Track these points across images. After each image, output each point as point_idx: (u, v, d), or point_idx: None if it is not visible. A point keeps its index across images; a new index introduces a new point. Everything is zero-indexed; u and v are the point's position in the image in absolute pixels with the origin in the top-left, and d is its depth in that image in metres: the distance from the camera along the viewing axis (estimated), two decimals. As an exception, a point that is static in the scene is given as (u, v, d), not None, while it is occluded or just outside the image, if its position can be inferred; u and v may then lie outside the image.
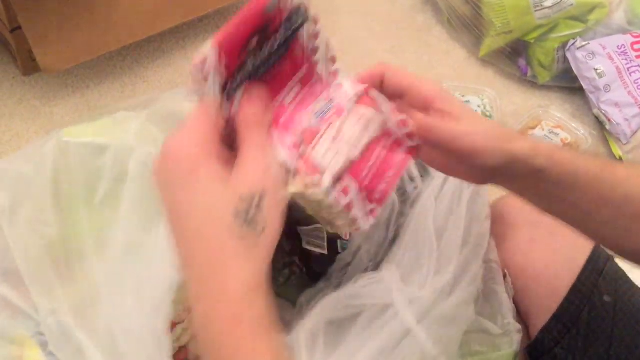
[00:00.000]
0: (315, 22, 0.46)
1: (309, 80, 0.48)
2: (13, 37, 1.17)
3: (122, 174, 0.60)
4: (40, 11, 1.10)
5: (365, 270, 0.74)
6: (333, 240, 0.82)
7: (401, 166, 0.50)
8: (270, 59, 0.43)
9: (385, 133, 0.50)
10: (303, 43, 0.46)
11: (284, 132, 0.45)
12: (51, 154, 0.62)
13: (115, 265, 0.57)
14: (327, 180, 0.44)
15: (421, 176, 0.75)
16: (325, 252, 0.82)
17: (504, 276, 0.71)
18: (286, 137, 0.45)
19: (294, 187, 0.44)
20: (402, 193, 0.73)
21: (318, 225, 0.83)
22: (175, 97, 0.74)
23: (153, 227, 0.58)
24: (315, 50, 0.47)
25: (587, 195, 0.50)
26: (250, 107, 0.42)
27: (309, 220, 0.85)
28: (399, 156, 0.51)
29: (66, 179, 0.61)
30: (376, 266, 0.74)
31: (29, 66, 1.25)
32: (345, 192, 0.46)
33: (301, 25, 0.44)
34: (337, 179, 0.45)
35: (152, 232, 0.58)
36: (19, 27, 1.14)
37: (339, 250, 0.82)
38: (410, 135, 0.50)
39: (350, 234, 0.82)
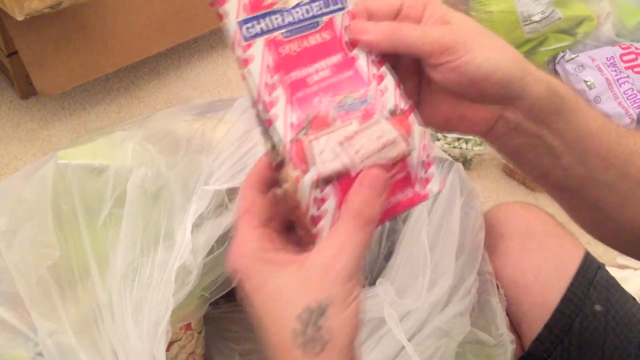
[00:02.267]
0: (352, 16, 0.43)
1: (343, 71, 0.43)
2: (10, 62, 1.19)
3: (122, 195, 0.61)
4: (37, 36, 1.12)
5: (361, 286, 0.75)
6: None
7: (397, 208, 0.42)
8: (298, 23, 0.41)
9: (400, 166, 0.42)
10: (336, 30, 0.43)
11: (294, 107, 0.40)
12: (50, 176, 0.63)
13: (116, 287, 0.58)
14: (308, 177, 0.38)
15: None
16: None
17: (497, 287, 0.72)
18: (293, 113, 0.40)
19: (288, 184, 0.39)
20: None
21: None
22: (170, 115, 0.75)
23: (151, 250, 0.59)
24: (353, 44, 0.43)
25: (595, 146, 0.44)
26: (359, 196, 0.37)
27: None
28: (402, 196, 0.43)
29: (66, 201, 0.61)
30: (372, 282, 0.75)
31: (26, 90, 1.27)
32: (319, 202, 0.39)
33: (337, 10, 0.43)
34: (319, 183, 0.39)
35: (150, 255, 0.59)
36: (16, 52, 1.15)
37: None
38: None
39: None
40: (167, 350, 0.66)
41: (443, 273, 0.65)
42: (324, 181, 0.39)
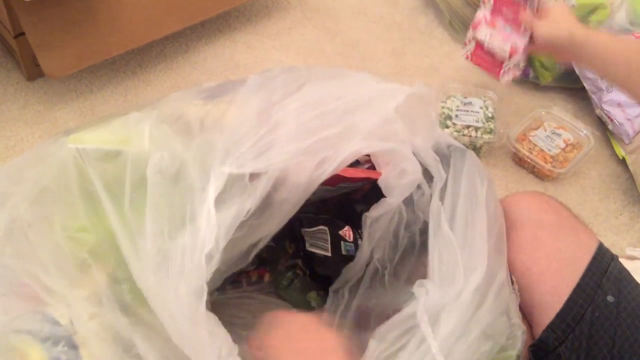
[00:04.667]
0: None
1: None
2: (17, 43, 1.18)
3: (142, 179, 0.61)
4: (43, 17, 1.11)
5: (382, 277, 0.74)
6: (337, 243, 0.82)
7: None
8: None
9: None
10: None
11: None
12: (70, 161, 0.62)
13: (151, 275, 0.57)
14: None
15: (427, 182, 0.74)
16: (329, 254, 0.82)
17: (512, 282, 0.71)
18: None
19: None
20: (409, 201, 0.72)
21: (322, 227, 0.83)
22: (180, 98, 0.74)
23: (177, 236, 0.58)
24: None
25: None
26: None
27: (312, 221, 0.85)
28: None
29: (89, 186, 0.61)
30: (394, 273, 0.74)
31: (33, 71, 1.26)
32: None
33: None
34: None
35: (178, 241, 0.58)
36: (23, 33, 1.15)
37: (343, 252, 0.82)
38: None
39: (354, 238, 0.82)
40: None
41: (476, 265, 0.63)
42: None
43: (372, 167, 0.76)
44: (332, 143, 0.65)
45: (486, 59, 1.23)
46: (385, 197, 0.71)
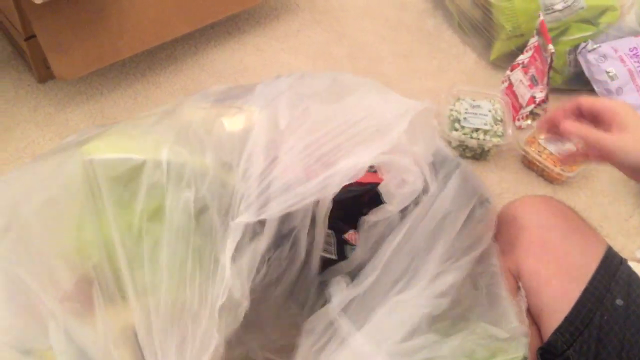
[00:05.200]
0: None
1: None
2: (28, 46, 1.19)
3: (159, 209, 0.61)
4: (54, 20, 1.12)
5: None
6: (342, 246, 0.82)
7: None
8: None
9: None
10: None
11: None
12: (79, 174, 0.62)
13: (160, 322, 0.58)
14: None
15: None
16: (335, 257, 0.82)
17: (518, 288, 0.71)
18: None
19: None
20: (404, 210, 0.73)
21: (328, 231, 0.84)
22: (191, 105, 0.75)
23: (195, 282, 0.59)
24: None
25: None
26: None
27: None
28: None
29: (98, 202, 0.61)
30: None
31: (44, 74, 1.27)
32: None
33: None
34: None
35: (195, 287, 0.59)
36: (34, 36, 1.16)
37: (347, 254, 0.82)
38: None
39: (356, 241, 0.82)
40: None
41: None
42: None
43: None
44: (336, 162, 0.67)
45: (512, 99, 1.36)
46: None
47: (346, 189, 0.77)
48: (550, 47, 1.21)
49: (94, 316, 0.58)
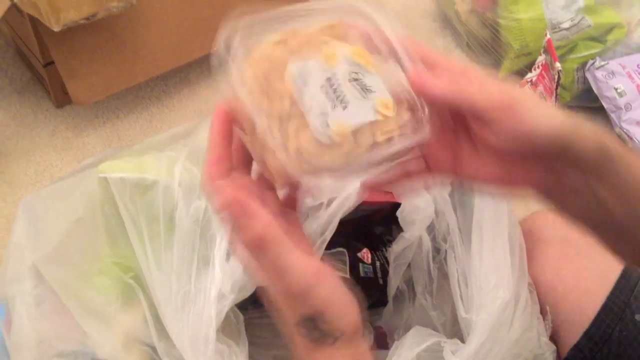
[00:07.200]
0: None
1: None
2: (46, 72, 1.22)
3: (170, 219, 0.65)
4: (72, 47, 1.15)
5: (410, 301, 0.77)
6: (355, 265, 0.83)
7: None
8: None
9: None
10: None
11: None
12: (100, 192, 0.65)
13: (171, 314, 0.61)
14: None
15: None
16: (348, 276, 0.83)
17: (545, 314, 0.70)
18: None
19: None
20: (431, 230, 0.74)
21: (340, 249, 0.84)
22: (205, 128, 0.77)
23: (200, 278, 0.63)
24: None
25: None
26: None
27: (331, 243, 0.86)
28: None
29: (120, 220, 0.65)
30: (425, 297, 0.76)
31: (62, 99, 1.29)
32: None
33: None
34: None
35: (201, 282, 0.63)
36: (52, 62, 1.18)
37: (361, 274, 0.82)
38: None
39: (372, 260, 0.83)
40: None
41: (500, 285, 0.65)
42: None
43: None
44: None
45: None
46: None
47: (357, 208, 0.78)
48: (558, 65, 1.22)
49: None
